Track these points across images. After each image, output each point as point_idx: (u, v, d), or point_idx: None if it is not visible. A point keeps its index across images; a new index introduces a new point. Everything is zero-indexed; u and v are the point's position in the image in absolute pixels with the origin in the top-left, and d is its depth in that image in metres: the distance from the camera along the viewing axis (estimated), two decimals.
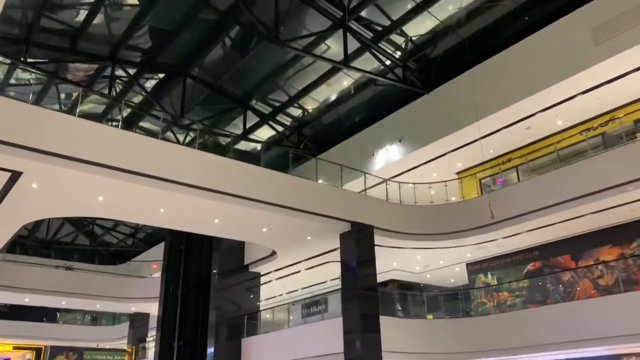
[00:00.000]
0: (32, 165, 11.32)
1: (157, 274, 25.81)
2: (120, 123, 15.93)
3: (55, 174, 11.89)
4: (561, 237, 17.21)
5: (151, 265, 28.06)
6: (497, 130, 17.35)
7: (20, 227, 15.57)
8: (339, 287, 16.65)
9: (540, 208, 15.28)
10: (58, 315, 34.13)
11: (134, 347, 28.37)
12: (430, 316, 18.26)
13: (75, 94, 21.93)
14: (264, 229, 16.27)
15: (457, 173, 20.51)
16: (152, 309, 25.68)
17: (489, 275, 19.47)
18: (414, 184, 19.25)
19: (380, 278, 17.66)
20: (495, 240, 17.49)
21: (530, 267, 18.28)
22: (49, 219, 30.41)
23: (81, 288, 25.08)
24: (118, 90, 21.79)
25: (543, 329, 14.90)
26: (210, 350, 19.26)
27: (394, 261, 19.84)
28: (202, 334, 20.30)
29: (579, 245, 16.99)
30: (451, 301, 19.26)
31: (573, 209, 14.77)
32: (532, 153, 17.96)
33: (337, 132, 22.70)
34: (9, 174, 11.64)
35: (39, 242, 31.19)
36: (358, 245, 16.09)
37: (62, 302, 27.08)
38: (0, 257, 22.05)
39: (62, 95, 21.78)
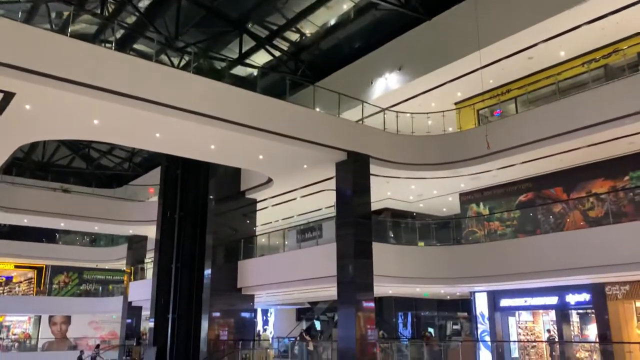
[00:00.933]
0: (25, 86, 11.12)
1: (154, 198, 26.11)
2: (113, 44, 15.48)
3: (48, 96, 11.72)
4: (555, 169, 17.33)
5: (148, 189, 28.29)
6: (499, 60, 17.05)
7: (15, 149, 15.53)
8: (334, 214, 16.92)
9: (536, 140, 15.28)
10: (57, 236, 34.82)
11: (132, 267, 29.17)
12: (421, 243, 18.71)
13: (66, 13, 21.16)
14: (260, 156, 16.30)
15: (456, 103, 20.35)
16: (150, 231, 26.18)
17: (481, 205, 19.78)
18: (411, 113, 19.10)
19: (374, 206, 17.92)
20: (490, 171, 17.62)
21: (522, 198, 18.55)
22: (45, 142, 30.32)
23: (79, 210, 25.44)
24: (110, 10, 21.04)
25: (532, 257, 15.34)
26: (208, 271, 19.82)
27: (388, 190, 20.06)
28: (199, 257, 20.81)
29: (572, 177, 17.17)
30: (442, 229, 19.67)
31: (569, 141, 14.79)
32: (532, 84, 17.74)
33: (336, 58, 22.22)
34: (2, 94, 11.47)
35: (35, 164, 31.22)
36: (354, 174, 16.21)
37: (61, 224, 27.55)
38: None
39: (53, 14, 21.05)
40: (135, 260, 29.54)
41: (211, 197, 20.87)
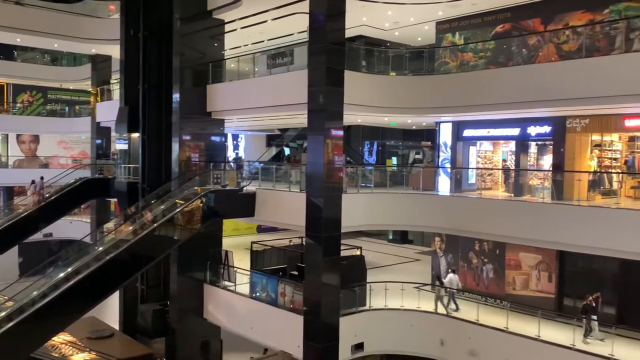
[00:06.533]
0: None
1: (116, 16, 24.64)
2: None
3: None
4: None
5: (109, 6, 26.52)
6: None
7: None
8: (306, 40, 16.33)
9: None
10: (15, 53, 33.24)
11: (98, 88, 28.57)
12: (393, 73, 18.56)
13: None
14: None
15: None
16: (114, 51, 25.24)
17: (457, 35, 19.36)
18: None
19: (348, 33, 17.30)
20: None
21: (499, 28, 18.13)
22: None
23: (35, 25, 23.97)
24: None
25: (501, 88, 15.48)
26: (176, 95, 19.51)
27: (363, 16, 19.28)
28: (166, 79, 20.35)
29: (551, 8, 16.67)
30: (415, 60, 19.37)
31: None
32: None
33: None
34: None
35: None
36: None
37: (17, 39, 26.17)
38: None
39: None
40: (100, 80, 28.86)
41: (176, 16, 19.71)
